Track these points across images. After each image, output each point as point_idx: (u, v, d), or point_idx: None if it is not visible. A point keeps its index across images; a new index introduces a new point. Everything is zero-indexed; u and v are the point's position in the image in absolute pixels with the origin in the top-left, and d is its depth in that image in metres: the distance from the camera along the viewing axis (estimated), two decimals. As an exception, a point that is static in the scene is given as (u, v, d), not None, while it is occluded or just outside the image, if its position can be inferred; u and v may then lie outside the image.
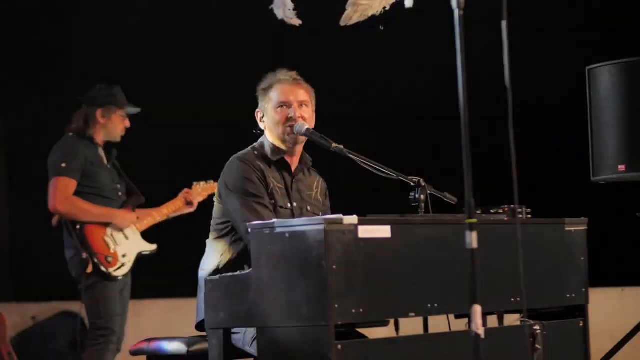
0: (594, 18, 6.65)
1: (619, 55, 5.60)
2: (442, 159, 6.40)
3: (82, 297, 5.84)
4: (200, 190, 6.20)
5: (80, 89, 6.08)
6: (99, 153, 5.99)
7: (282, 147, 4.35)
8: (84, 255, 5.75)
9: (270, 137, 4.38)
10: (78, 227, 5.79)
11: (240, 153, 4.35)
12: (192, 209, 6.19)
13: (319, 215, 4.40)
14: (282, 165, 4.35)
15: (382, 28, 5.41)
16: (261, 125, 4.43)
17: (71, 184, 5.82)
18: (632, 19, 6.58)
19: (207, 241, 4.35)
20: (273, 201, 4.24)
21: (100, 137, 5.99)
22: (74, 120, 5.99)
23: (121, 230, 5.93)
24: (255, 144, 4.42)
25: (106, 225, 5.88)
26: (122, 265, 5.86)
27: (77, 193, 5.84)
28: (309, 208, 4.38)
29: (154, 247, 6.07)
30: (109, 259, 5.81)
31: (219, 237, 4.28)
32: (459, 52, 3.14)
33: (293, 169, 4.38)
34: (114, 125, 6.00)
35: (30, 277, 8.09)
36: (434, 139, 7.03)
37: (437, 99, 6.58)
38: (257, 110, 4.44)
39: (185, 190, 6.22)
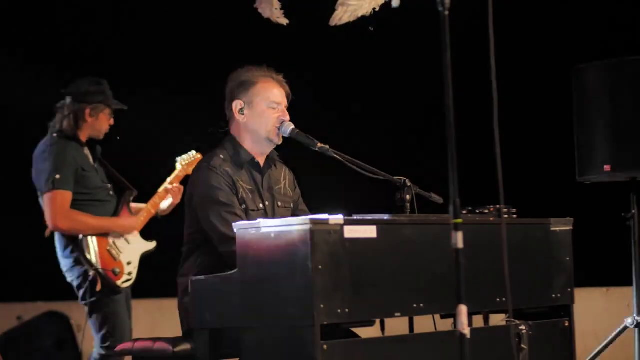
0: (580, 17, 6.66)
1: (604, 55, 5.61)
2: (428, 159, 6.41)
3: (90, 314, 5.63)
4: (186, 166, 5.94)
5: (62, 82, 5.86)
6: (86, 153, 5.74)
7: (257, 146, 4.31)
8: (91, 274, 5.53)
9: (244, 134, 4.33)
10: (80, 240, 5.57)
11: (206, 159, 4.29)
12: (177, 200, 5.98)
13: (289, 208, 4.41)
14: (252, 165, 4.33)
15: (371, 29, 5.42)
16: (239, 118, 4.32)
17: (68, 197, 5.57)
18: (618, 18, 6.59)
19: (183, 250, 4.33)
20: (244, 206, 4.21)
21: (85, 136, 5.73)
22: (59, 119, 5.69)
23: (121, 235, 5.74)
24: (220, 146, 4.35)
25: (107, 234, 5.68)
26: (130, 276, 5.69)
27: (72, 202, 5.59)
28: (279, 204, 4.35)
29: (154, 244, 5.90)
30: (117, 271, 5.61)
31: (193, 247, 4.26)
32: (444, 51, 3.15)
33: (262, 165, 4.35)
34: (100, 124, 5.74)
35: (15, 277, 8.06)
36: (419, 138, 7.03)
37: (423, 98, 6.58)
38: (235, 101, 4.33)
39: (165, 188, 6.03)
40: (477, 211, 4.25)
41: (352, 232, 3.63)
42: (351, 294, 3.61)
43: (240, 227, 3.72)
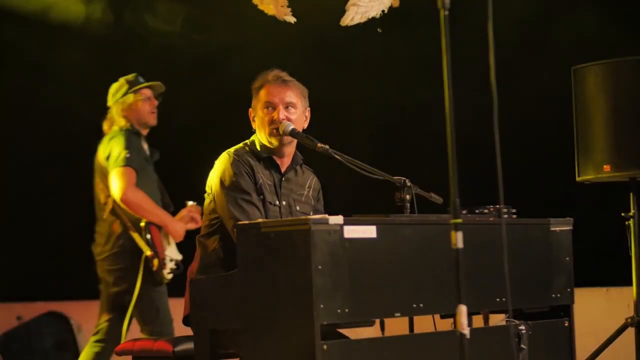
0: (580, 18, 6.66)
1: (604, 56, 5.61)
2: (427, 158, 6.41)
3: (136, 303, 5.67)
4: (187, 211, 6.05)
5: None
6: (145, 147, 5.91)
7: (270, 147, 4.35)
8: (150, 254, 5.62)
9: (260, 137, 4.38)
10: (143, 222, 5.68)
11: (231, 148, 4.34)
12: (196, 225, 6.06)
13: (308, 215, 4.40)
14: (271, 163, 4.35)
15: (380, 30, 5.43)
16: (253, 125, 4.42)
17: (134, 175, 5.71)
18: (617, 19, 6.59)
19: (198, 237, 4.34)
20: (262, 197, 4.23)
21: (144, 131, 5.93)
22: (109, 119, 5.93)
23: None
24: (247, 140, 4.42)
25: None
26: (171, 270, 5.76)
27: None
28: (298, 208, 4.36)
29: (180, 257, 5.92)
30: (165, 261, 5.71)
31: (210, 233, 4.27)
32: (444, 51, 3.15)
33: (283, 168, 4.37)
34: (138, 113, 5.89)
35: (15, 277, 8.06)
36: (419, 138, 7.03)
37: (423, 98, 6.58)
38: (250, 109, 4.43)
39: (189, 208, 6.08)
40: (477, 211, 4.25)
41: (352, 232, 3.63)
42: (351, 294, 3.61)
43: (241, 227, 3.72)
